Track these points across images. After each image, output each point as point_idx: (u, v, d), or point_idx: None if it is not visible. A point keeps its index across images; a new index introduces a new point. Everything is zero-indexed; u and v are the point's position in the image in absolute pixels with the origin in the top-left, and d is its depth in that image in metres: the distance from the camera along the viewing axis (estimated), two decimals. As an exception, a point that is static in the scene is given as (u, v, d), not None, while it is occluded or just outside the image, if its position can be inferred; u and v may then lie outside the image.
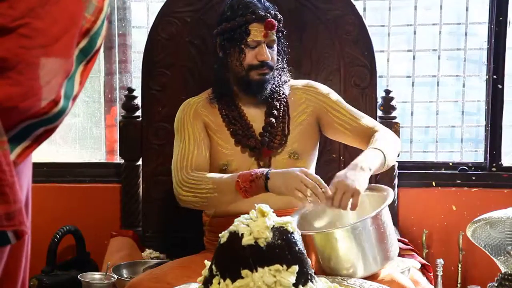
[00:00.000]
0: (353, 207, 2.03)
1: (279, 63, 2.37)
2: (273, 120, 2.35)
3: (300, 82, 2.47)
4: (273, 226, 1.56)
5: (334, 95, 2.44)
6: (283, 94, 2.38)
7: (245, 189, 2.09)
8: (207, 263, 1.63)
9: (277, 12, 2.34)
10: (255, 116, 2.37)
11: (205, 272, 1.63)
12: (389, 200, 2.02)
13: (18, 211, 1.10)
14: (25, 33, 1.08)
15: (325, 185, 2.04)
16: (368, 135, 2.32)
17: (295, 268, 1.53)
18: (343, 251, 1.93)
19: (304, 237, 1.97)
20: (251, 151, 2.33)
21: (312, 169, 2.42)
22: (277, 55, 2.35)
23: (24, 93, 1.08)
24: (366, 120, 2.39)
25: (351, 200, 2.01)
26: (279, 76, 2.38)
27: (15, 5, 1.08)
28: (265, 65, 2.29)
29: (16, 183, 1.10)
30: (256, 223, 1.55)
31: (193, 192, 2.20)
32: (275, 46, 2.33)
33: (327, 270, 1.95)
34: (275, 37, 2.31)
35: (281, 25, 2.35)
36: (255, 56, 2.28)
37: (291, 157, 2.33)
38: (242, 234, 1.55)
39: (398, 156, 2.36)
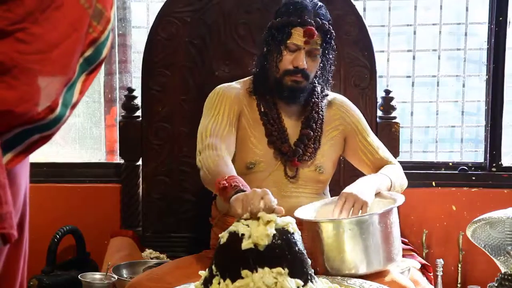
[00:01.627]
0: None
1: (322, 76, 2.32)
2: (311, 132, 2.31)
3: (337, 97, 2.42)
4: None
5: (364, 121, 2.42)
6: (321, 107, 2.35)
7: (219, 190, 1.92)
8: (203, 273, 1.63)
9: (326, 23, 2.24)
10: (290, 123, 2.33)
11: (205, 273, 1.63)
12: (399, 202, 2.03)
13: (8, 214, 1.09)
14: (22, 38, 1.07)
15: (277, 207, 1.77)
16: (382, 166, 2.33)
17: (300, 282, 1.54)
18: (348, 243, 1.94)
19: (311, 225, 1.98)
20: (282, 156, 2.29)
21: (329, 179, 2.41)
22: (320, 68, 2.29)
23: (19, 97, 1.07)
24: (383, 152, 2.39)
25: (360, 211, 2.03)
26: (320, 88, 2.34)
27: (13, 9, 1.07)
28: (299, 72, 2.22)
29: (7, 185, 1.09)
30: (257, 228, 1.54)
31: (203, 161, 2.09)
32: (317, 56, 2.25)
33: (329, 264, 1.96)
34: (318, 47, 2.23)
35: (329, 36, 2.25)
36: (292, 61, 2.22)
37: (316, 171, 2.31)
38: (242, 235, 1.55)
39: (402, 189, 2.36)
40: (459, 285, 2.96)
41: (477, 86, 3.17)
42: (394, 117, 2.89)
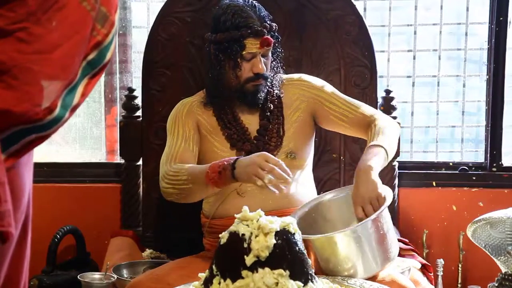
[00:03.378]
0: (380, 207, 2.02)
1: (274, 67, 2.36)
2: (268, 122, 2.34)
3: (293, 77, 2.45)
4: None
5: (329, 87, 2.42)
6: (276, 94, 2.37)
7: (214, 180, 2.07)
8: (202, 275, 1.64)
9: (272, 24, 2.30)
10: (250, 119, 2.36)
11: (204, 274, 1.63)
12: (388, 202, 2.02)
13: (7, 212, 1.09)
14: (22, 37, 1.07)
15: (286, 168, 2.02)
16: (366, 123, 2.31)
17: (300, 284, 1.54)
18: (343, 254, 1.93)
19: (303, 241, 1.98)
20: (247, 155, 2.30)
21: (309, 165, 2.41)
22: (272, 61, 2.33)
23: (17, 97, 1.07)
24: (364, 108, 2.37)
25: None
26: (272, 78, 2.36)
27: (15, 8, 1.07)
28: (260, 76, 2.28)
29: (6, 183, 1.09)
30: (257, 239, 1.54)
31: (172, 183, 2.22)
32: (269, 54, 2.31)
33: (327, 273, 1.95)
34: (270, 47, 2.28)
35: (275, 33, 2.31)
36: (251, 68, 2.26)
37: (288, 157, 2.31)
38: (243, 235, 1.55)
39: (398, 147, 2.34)
40: (459, 285, 2.96)
41: (477, 86, 3.17)
42: (395, 117, 2.88)
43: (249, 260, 1.52)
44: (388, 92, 2.91)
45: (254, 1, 2.30)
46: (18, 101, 1.07)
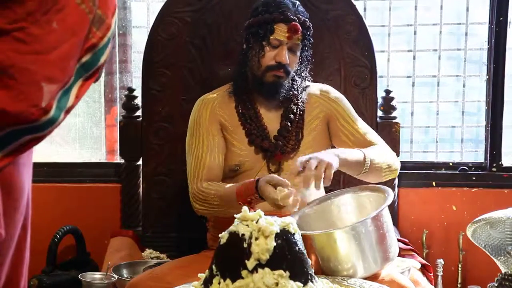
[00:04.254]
0: (326, 181, 2.03)
1: (302, 71, 2.35)
2: (289, 124, 2.33)
3: (316, 86, 2.45)
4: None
5: (348, 106, 2.43)
6: (300, 98, 2.37)
7: (247, 204, 2.07)
8: (202, 275, 1.63)
9: (307, 20, 2.30)
10: (271, 118, 2.36)
11: (204, 275, 1.63)
12: (389, 201, 2.02)
13: None
14: (20, 37, 1.07)
15: (288, 184, 2.04)
16: (366, 147, 2.33)
17: (300, 285, 1.54)
18: (343, 252, 1.93)
19: (303, 237, 1.97)
20: (263, 152, 2.32)
21: None
22: (299, 62, 2.33)
23: (13, 96, 1.06)
24: (371, 135, 2.39)
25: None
26: (299, 81, 2.36)
27: (14, 8, 1.06)
28: (282, 67, 2.26)
29: None
30: (257, 242, 1.54)
31: (205, 206, 2.24)
32: (298, 52, 2.30)
33: (327, 271, 1.95)
34: (299, 43, 2.28)
35: (309, 33, 2.31)
36: (274, 56, 2.26)
37: None
38: (243, 235, 1.55)
39: (391, 169, 2.33)
40: (459, 285, 2.96)
41: (477, 86, 3.17)
42: (395, 117, 2.89)
43: (250, 264, 1.53)
44: (388, 92, 2.91)
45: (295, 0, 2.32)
46: (14, 101, 1.06)
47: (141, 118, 2.88)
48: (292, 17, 2.25)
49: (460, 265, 2.94)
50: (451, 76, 3.24)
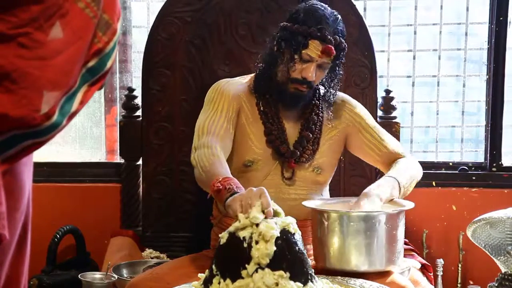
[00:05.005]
0: None
1: (330, 86, 2.31)
2: (310, 135, 2.30)
3: (338, 96, 2.39)
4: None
5: (369, 116, 2.41)
6: (321, 108, 2.34)
7: (213, 192, 1.94)
8: (202, 275, 1.63)
9: (343, 41, 2.22)
10: (289, 124, 2.32)
11: (204, 275, 1.63)
12: (408, 207, 2.04)
13: (2, 214, 1.08)
14: (24, 43, 1.06)
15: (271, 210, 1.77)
16: (392, 160, 2.32)
17: (300, 285, 1.54)
18: (353, 237, 1.95)
19: (317, 215, 1.99)
20: (279, 157, 2.28)
21: (329, 181, 2.41)
22: (328, 79, 2.28)
23: (15, 101, 1.06)
24: (393, 144, 2.38)
25: None
26: (324, 94, 2.33)
27: (18, 14, 1.06)
28: (305, 83, 2.21)
29: (2, 186, 1.09)
30: (258, 246, 1.54)
31: (198, 160, 2.09)
32: (326, 70, 2.24)
33: (331, 257, 1.97)
34: (330, 62, 2.22)
35: (342, 53, 2.24)
36: (301, 71, 2.20)
37: (314, 172, 2.31)
38: (244, 238, 1.55)
39: (416, 183, 2.33)
40: (459, 285, 2.96)
41: (477, 86, 3.17)
42: (395, 117, 2.89)
43: (250, 268, 1.53)
44: (388, 92, 2.91)
45: (338, 15, 2.25)
46: (16, 105, 1.06)
47: (141, 118, 2.88)
48: (329, 37, 2.17)
49: (460, 265, 2.94)
50: (451, 76, 3.24)
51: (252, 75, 2.37)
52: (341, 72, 2.31)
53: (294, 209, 2.14)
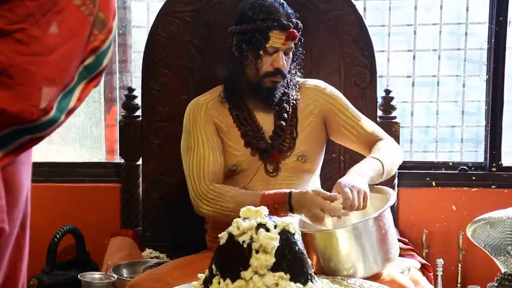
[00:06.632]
0: (364, 208, 2.04)
1: (293, 68, 2.35)
2: (283, 123, 2.33)
3: (310, 82, 2.45)
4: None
5: (342, 99, 2.42)
6: (292, 96, 2.36)
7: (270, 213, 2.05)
8: (201, 275, 1.63)
9: (298, 21, 2.29)
10: (264, 118, 2.35)
11: (204, 275, 1.63)
12: (391, 202, 2.03)
13: (1, 207, 1.09)
14: (20, 38, 1.07)
15: (338, 196, 2.04)
16: (371, 142, 2.33)
17: (300, 286, 1.53)
18: (344, 251, 1.93)
19: (305, 236, 1.98)
20: (260, 153, 2.31)
21: (318, 170, 2.42)
22: (292, 61, 2.33)
23: (13, 96, 1.07)
24: (370, 126, 2.38)
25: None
26: (290, 79, 2.36)
27: (14, 9, 1.07)
28: (279, 73, 2.26)
29: (1, 180, 1.10)
30: (257, 256, 1.53)
31: (214, 207, 2.21)
32: (290, 53, 2.30)
33: (327, 270, 1.95)
34: (293, 45, 2.28)
35: (300, 33, 2.30)
36: (271, 63, 2.25)
37: (299, 160, 2.32)
38: (243, 242, 1.55)
39: (399, 165, 2.35)
40: (459, 285, 2.96)
41: (477, 86, 3.17)
42: (394, 117, 2.89)
43: (248, 274, 1.52)
44: (388, 92, 2.91)
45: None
46: (14, 101, 1.07)
47: (141, 118, 2.88)
48: (286, 22, 2.23)
49: (460, 265, 2.94)
50: (451, 76, 3.24)
51: (219, 86, 2.40)
52: (301, 51, 2.36)
53: None
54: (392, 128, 2.84)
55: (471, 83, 3.19)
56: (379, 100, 2.88)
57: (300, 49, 2.35)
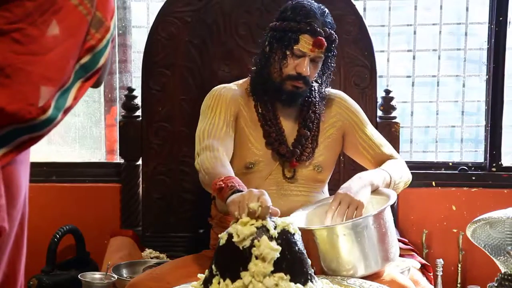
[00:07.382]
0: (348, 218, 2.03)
1: (322, 78, 2.32)
2: (308, 132, 2.31)
3: (334, 93, 2.42)
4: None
5: (364, 116, 2.41)
6: (318, 106, 2.34)
7: (215, 191, 1.95)
8: (201, 276, 1.63)
9: (333, 33, 2.24)
10: (288, 123, 2.33)
11: (204, 275, 1.63)
12: (392, 201, 2.03)
13: (1, 207, 1.09)
14: (17, 38, 1.08)
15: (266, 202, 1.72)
16: (384, 161, 2.32)
17: (300, 286, 1.54)
18: (344, 248, 1.93)
19: (305, 233, 1.98)
20: (280, 157, 2.29)
21: (328, 178, 2.42)
22: (321, 72, 2.30)
23: (11, 95, 1.07)
24: (387, 148, 2.38)
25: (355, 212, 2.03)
26: (318, 88, 2.34)
27: (12, 9, 1.07)
28: (301, 78, 2.23)
29: (1, 179, 1.10)
30: (256, 262, 1.54)
31: (202, 163, 2.09)
32: (320, 63, 2.26)
33: (327, 268, 1.96)
34: (322, 55, 2.23)
35: (333, 45, 2.26)
36: (295, 66, 2.22)
37: (315, 170, 2.32)
38: (243, 247, 1.55)
39: (406, 184, 2.35)
40: (459, 285, 2.96)
41: (477, 86, 3.17)
42: (394, 117, 2.89)
43: (246, 279, 1.53)
44: (387, 92, 2.91)
45: (325, 8, 2.27)
46: (12, 100, 1.07)
47: (141, 118, 2.88)
48: (318, 29, 2.19)
49: (459, 265, 2.95)
50: (451, 76, 3.24)
51: (247, 78, 2.37)
52: (333, 65, 2.33)
53: (298, 203, 2.21)
54: (392, 128, 2.84)
55: (471, 83, 3.19)
56: (379, 100, 2.89)
57: (332, 62, 2.30)
